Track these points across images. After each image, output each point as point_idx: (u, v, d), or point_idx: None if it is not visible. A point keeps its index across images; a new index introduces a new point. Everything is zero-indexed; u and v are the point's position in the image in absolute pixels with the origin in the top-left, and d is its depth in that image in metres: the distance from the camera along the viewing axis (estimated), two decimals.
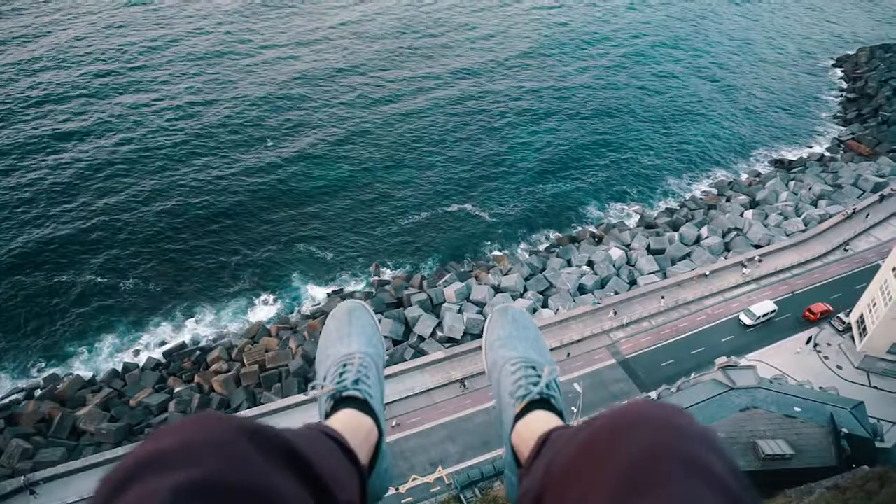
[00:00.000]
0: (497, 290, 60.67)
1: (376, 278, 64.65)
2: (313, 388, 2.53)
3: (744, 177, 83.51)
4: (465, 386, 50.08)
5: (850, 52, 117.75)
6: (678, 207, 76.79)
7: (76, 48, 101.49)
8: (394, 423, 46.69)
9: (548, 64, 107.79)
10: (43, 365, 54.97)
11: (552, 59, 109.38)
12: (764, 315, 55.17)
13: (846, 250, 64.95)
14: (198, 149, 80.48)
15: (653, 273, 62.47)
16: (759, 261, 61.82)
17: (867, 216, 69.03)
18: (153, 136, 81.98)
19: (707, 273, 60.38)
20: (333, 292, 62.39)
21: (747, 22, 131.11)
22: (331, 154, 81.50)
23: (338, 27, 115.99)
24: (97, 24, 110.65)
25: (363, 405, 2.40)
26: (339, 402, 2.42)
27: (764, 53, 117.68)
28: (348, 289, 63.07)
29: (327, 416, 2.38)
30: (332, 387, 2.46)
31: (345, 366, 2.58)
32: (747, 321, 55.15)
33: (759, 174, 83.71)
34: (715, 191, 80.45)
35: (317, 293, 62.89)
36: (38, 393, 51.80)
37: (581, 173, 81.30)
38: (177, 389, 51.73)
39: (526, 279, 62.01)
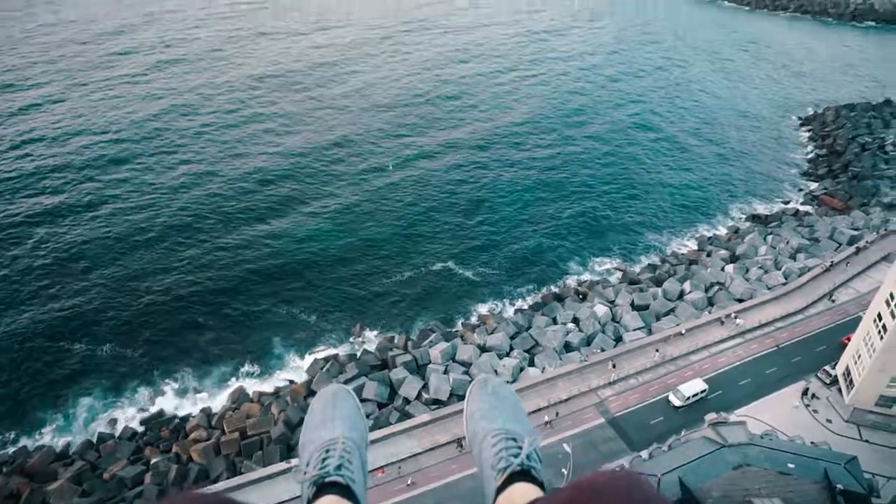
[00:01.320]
0: (483, 349, 60.10)
1: (360, 340, 63.84)
2: (297, 473, 2.58)
3: (723, 231, 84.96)
4: (461, 446, 48.78)
5: (818, 111, 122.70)
6: (660, 263, 77.57)
7: (72, 118, 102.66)
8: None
9: (527, 127, 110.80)
10: (13, 436, 52.82)
11: (532, 123, 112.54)
12: (694, 395, 52.46)
13: (832, 300, 65.71)
14: (182, 215, 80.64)
15: (638, 329, 62.44)
16: (736, 317, 62.14)
17: (847, 265, 70.34)
18: (138, 204, 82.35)
19: (683, 332, 60.31)
20: (320, 359, 61.36)
21: (721, 83, 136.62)
22: (314, 217, 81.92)
23: (331, 100, 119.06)
24: (103, 94, 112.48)
25: (345, 491, 2.42)
26: (322, 487, 2.43)
27: (736, 114, 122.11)
28: (332, 351, 62.06)
29: (310, 502, 2.40)
30: (314, 472, 2.48)
31: (328, 451, 2.61)
32: (676, 402, 52.38)
33: (737, 229, 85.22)
34: (695, 246, 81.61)
35: (300, 357, 61.79)
36: (5, 468, 49.46)
37: (563, 231, 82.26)
38: (153, 460, 49.77)
39: (512, 338, 61.62)
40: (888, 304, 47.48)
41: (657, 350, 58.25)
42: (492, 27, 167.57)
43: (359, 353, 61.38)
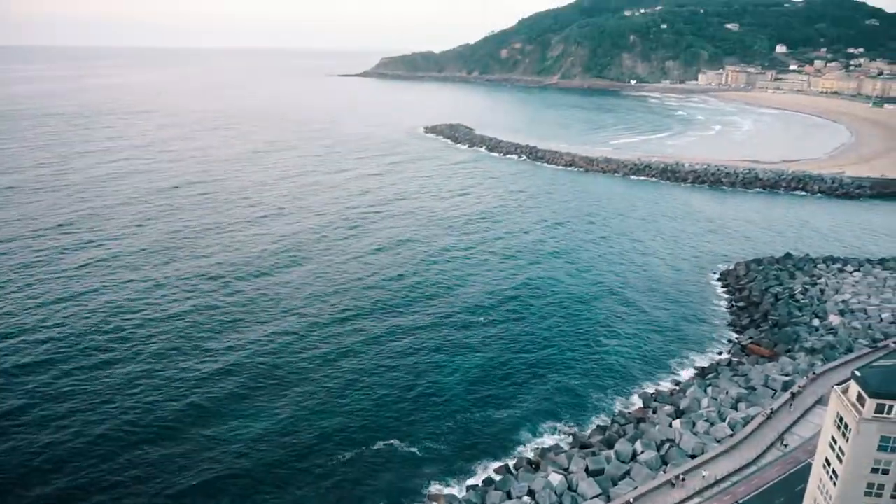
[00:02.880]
0: None
1: None
2: None
3: (664, 386, 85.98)
4: None
5: (730, 267, 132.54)
6: (609, 423, 76.62)
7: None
8: None
9: (475, 304, 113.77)
10: None
11: (479, 300, 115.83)
12: None
13: (785, 445, 65.70)
14: (112, 430, 75.44)
15: (596, 497, 59.66)
16: (683, 479, 60.71)
17: (791, 408, 71.60)
18: (59, 417, 76.80)
19: (632, 501, 57.82)
20: None
21: (649, 245, 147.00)
22: (243, 398, 78.18)
23: (274, 289, 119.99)
24: (34, 291, 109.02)
25: None
26: None
27: (661, 273, 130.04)
28: None
29: None
30: None
31: None
32: None
33: (678, 382, 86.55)
34: (640, 403, 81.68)
35: None
36: None
37: (507, 397, 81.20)
38: None
39: None
40: (832, 448, 47.80)
41: None
42: (430, 211, 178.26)
43: None
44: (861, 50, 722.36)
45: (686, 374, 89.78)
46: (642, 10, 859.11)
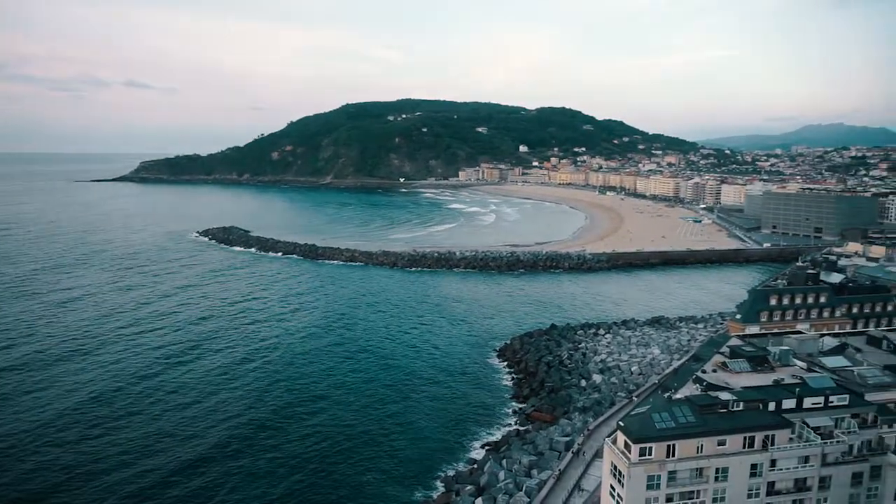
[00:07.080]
0: None
1: None
2: None
3: (463, 466, 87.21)
4: None
5: (507, 342, 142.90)
6: None
7: None
8: None
9: (249, 396, 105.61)
10: None
11: (252, 395, 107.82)
12: None
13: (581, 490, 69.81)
14: None
15: None
16: None
17: (584, 454, 76.84)
18: None
19: None
20: None
21: (424, 332, 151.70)
22: None
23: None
24: None
25: None
26: None
27: (442, 358, 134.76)
28: None
29: None
30: None
31: None
32: None
33: (475, 461, 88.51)
34: (443, 487, 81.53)
35: None
36: None
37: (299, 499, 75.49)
38: None
39: None
40: (612, 495, 52.16)
41: None
42: (211, 320, 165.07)
43: None
44: (584, 149, 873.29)
45: (481, 450, 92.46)
46: (404, 116, 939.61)
